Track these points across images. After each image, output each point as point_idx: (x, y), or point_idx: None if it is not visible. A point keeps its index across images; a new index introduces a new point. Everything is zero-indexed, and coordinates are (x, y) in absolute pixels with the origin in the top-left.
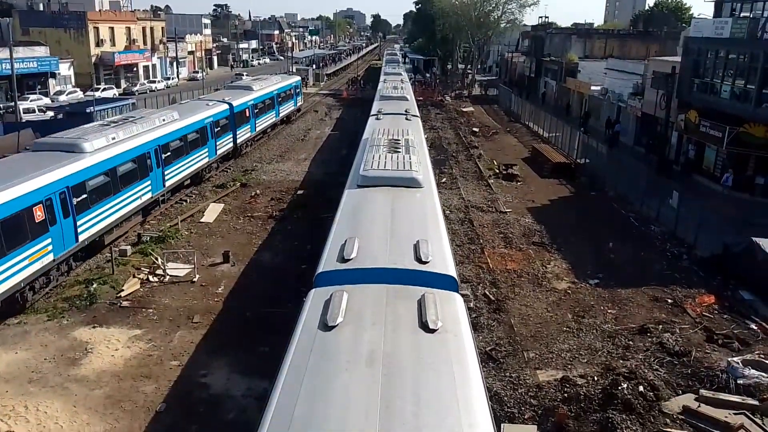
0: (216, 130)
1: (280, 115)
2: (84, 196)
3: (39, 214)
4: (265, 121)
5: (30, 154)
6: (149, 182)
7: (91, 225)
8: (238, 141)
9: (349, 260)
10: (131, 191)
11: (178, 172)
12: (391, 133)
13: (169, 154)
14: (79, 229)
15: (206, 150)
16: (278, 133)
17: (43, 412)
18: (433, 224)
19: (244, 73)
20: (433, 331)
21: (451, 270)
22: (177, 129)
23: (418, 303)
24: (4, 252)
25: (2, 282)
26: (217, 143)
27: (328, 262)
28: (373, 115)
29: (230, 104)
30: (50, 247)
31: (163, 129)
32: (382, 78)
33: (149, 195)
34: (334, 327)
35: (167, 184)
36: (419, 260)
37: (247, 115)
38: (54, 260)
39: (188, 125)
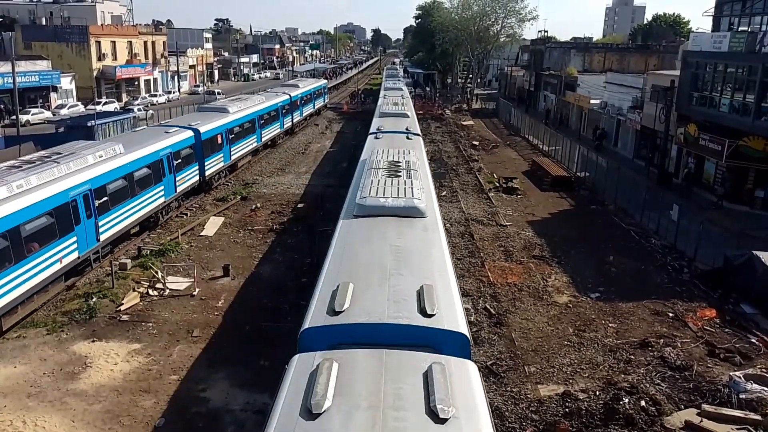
0: (283, 111)
1: (316, 107)
2: (232, 135)
3: (220, 140)
4: (307, 110)
5: (200, 113)
6: (255, 136)
7: (235, 153)
8: (294, 121)
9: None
10: (248, 139)
11: (267, 135)
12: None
13: (263, 121)
14: (231, 153)
15: (278, 124)
16: (282, 144)
17: (42, 427)
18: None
19: (299, 75)
20: (444, 421)
21: (462, 327)
22: (265, 107)
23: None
24: (209, 153)
25: (212, 166)
26: (284, 120)
27: (316, 315)
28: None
29: (290, 95)
30: (222, 158)
31: (259, 106)
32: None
33: (255, 144)
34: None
35: (263, 140)
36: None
37: (298, 104)
38: (224, 165)
39: (270, 106)
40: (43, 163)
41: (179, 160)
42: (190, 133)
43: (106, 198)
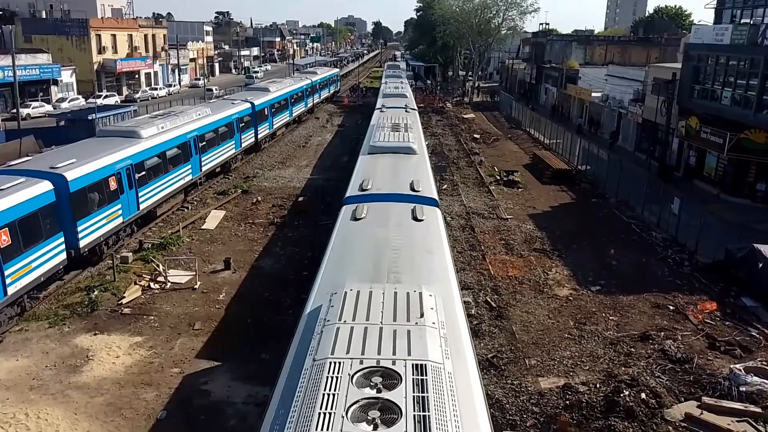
0: (306, 93)
1: (330, 91)
2: (273, 110)
3: (266, 112)
4: (324, 94)
5: (249, 91)
6: (288, 112)
7: (276, 123)
8: (314, 102)
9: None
10: (284, 113)
11: (296, 112)
12: None
13: (293, 100)
14: (273, 123)
15: (303, 103)
16: (281, 139)
17: (44, 420)
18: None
19: (311, 63)
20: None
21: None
22: (294, 89)
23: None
24: (260, 122)
25: (262, 132)
26: (307, 101)
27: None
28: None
29: (311, 80)
30: (268, 126)
31: (290, 88)
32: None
33: (288, 118)
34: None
35: (293, 115)
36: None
37: (317, 88)
38: (269, 132)
39: (297, 88)
40: (169, 115)
41: (242, 124)
42: (248, 105)
43: (204, 143)
